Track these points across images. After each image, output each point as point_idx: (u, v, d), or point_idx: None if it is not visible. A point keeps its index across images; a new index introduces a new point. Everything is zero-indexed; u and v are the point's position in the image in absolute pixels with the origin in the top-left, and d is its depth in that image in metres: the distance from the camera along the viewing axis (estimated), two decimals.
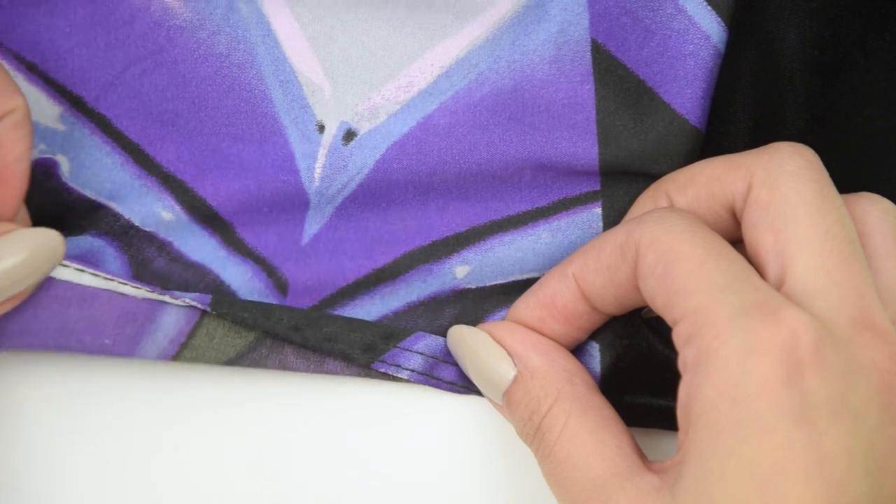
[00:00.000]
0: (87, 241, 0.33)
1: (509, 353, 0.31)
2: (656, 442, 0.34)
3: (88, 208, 0.32)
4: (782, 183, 0.28)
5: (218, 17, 0.32)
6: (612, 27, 0.32)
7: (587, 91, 0.32)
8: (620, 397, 0.32)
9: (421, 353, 0.33)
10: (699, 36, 0.32)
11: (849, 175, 0.33)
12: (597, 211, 0.33)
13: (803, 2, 0.32)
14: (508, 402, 0.31)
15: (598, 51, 0.32)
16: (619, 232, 0.29)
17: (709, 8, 0.32)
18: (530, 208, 0.33)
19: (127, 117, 0.32)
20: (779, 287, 0.27)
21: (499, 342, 0.31)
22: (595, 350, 0.32)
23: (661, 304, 0.27)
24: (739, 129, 0.33)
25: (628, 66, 0.32)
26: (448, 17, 0.33)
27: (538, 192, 0.33)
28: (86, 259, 0.33)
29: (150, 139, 0.32)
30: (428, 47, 0.33)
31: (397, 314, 0.33)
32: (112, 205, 0.32)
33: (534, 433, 0.30)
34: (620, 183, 0.33)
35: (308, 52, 0.33)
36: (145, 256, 0.33)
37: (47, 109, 0.32)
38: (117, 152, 0.32)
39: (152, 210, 0.32)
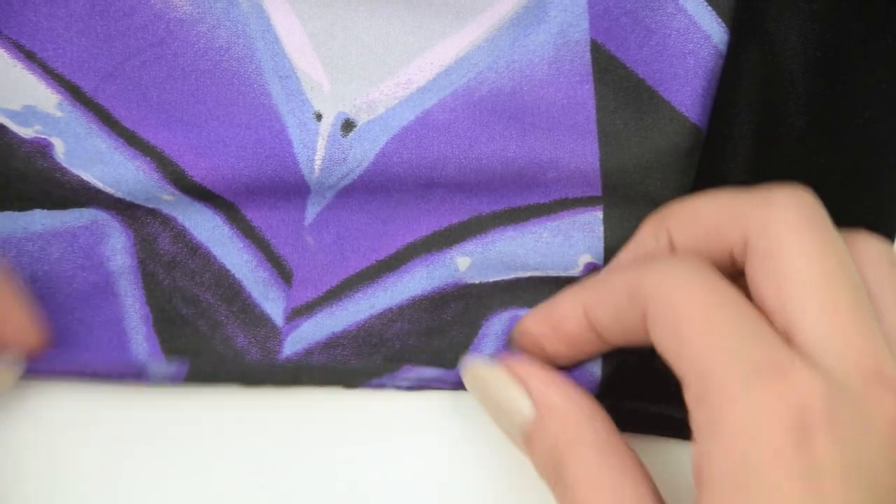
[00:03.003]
0: (90, 213, 0.33)
1: (528, 391, 0.30)
2: (658, 448, 0.34)
3: (86, 189, 0.32)
4: (780, 234, 0.27)
5: (218, 10, 0.32)
6: (611, 27, 0.32)
7: (587, 91, 0.32)
8: (620, 403, 0.32)
9: (407, 379, 0.33)
10: (699, 35, 0.32)
11: (850, 177, 0.33)
12: (598, 214, 0.33)
13: (805, 4, 0.32)
14: (527, 441, 0.30)
15: (597, 51, 0.32)
16: (628, 275, 0.29)
17: (709, 8, 0.32)
18: (532, 204, 0.33)
19: (125, 108, 0.32)
20: (787, 339, 0.26)
21: (517, 378, 0.31)
22: (597, 356, 0.32)
23: (671, 360, 0.27)
24: (741, 131, 0.33)
25: (628, 65, 0.32)
26: (448, 16, 0.33)
27: (540, 192, 0.33)
28: (90, 230, 0.33)
29: (146, 126, 0.32)
30: (427, 46, 0.33)
31: (402, 308, 0.33)
32: (110, 190, 0.32)
33: (553, 474, 0.29)
34: (621, 190, 0.33)
35: (308, 48, 0.33)
36: (149, 232, 0.33)
37: (46, 98, 0.32)
38: (113, 138, 0.32)
39: (152, 194, 0.32)
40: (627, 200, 0.33)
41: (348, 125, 0.33)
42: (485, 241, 0.33)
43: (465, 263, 0.33)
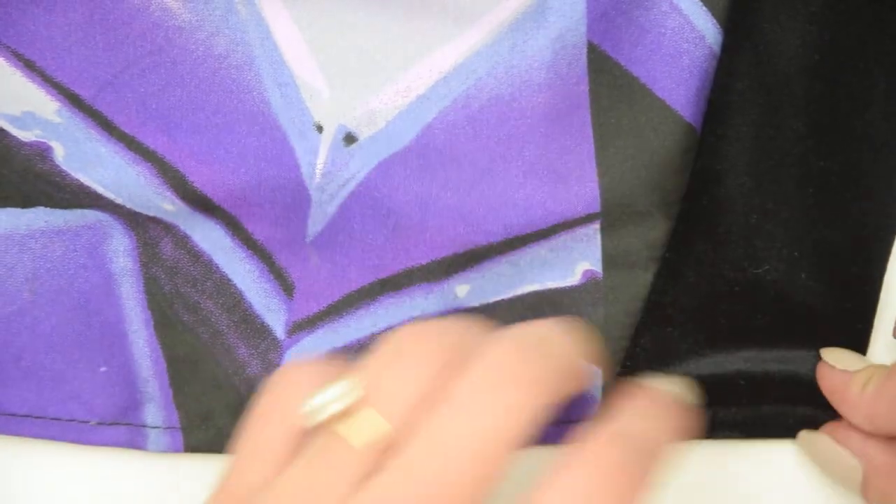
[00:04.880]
0: (93, 215, 0.33)
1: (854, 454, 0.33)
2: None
3: (87, 193, 0.32)
4: None
5: (217, 18, 0.32)
6: (607, 28, 0.32)
7: (582, 91, 0.32)
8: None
9: None
10: (694, 35, 0.32)
11: (850, 179, 0.33)
12: (595, 227, 0.33)
13: (802, 6, 0.32)
14: (864, 494, 0.33)
15: (593, 51, 0.32)
16: None
17: (704, 8, 0.32)
18: (530, 232, 0.33)
19: (124, 115, 0.32)
20: None
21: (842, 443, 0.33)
22: (598, 377, 0.33)
23: None
24: (739, 132, 0.33)
25: (622, 64, 0.32)
26: (447, 22, 0.33)
27: (540, 219, 0.33)
28: (93, 230, 0.33)
29: (146, 131, 0.32)
30: (427, 53, 0.33)
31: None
32: (110, 195, 0.32)
33: None
34: (619, 200, 0.33)
35: (307, 55, 0.33)
36: (151, 235, 0.33)
37: (45, 104, 0.32)
38: (112, 142, 0.32)
39: (153, 202, 0.32)
40: (624, 209, 0.33)
41: (350, 139, 0.33)
42: (483, 269, 0.33)
43: (463, 290, 0.33)
